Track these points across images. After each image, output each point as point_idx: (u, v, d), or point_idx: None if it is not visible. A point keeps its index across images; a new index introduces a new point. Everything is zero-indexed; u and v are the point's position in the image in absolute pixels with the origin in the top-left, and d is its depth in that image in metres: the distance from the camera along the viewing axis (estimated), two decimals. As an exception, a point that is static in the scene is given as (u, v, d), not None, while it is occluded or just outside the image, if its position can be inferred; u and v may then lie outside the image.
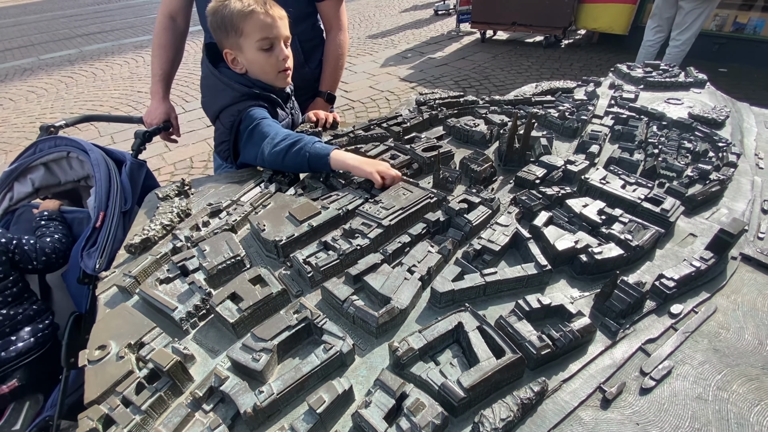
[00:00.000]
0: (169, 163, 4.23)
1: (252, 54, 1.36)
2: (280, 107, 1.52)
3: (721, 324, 0.84)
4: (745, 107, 1.81)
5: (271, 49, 1.37)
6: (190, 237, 1.09)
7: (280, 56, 1.39)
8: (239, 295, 0.86)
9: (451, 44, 7.80)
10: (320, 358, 0.74)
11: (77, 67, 7.76)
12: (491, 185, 1.29)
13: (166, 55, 1.76)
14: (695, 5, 4.23)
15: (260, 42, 1.34)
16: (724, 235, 0.92)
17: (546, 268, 0.90)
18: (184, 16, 1.77)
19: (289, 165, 1.29)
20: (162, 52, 1.75)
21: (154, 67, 1.77)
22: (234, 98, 1.39)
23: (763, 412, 0.69)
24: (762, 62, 5.55)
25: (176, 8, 1.72)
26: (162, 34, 1.73)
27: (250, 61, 1.38)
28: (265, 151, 1.30)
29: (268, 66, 1.40)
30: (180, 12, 1.74)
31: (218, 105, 1.42)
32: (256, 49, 1.35)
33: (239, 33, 1.33)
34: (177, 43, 1.79)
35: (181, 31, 1.78)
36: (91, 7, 15.01)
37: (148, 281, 0.95)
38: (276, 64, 1.40)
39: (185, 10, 1.75)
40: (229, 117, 1.40)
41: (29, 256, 1.36)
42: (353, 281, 0.91)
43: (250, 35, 1.33)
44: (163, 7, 1.72)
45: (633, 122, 1.54)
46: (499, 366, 0.69)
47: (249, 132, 1.36)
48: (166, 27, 1.73)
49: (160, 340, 0.81)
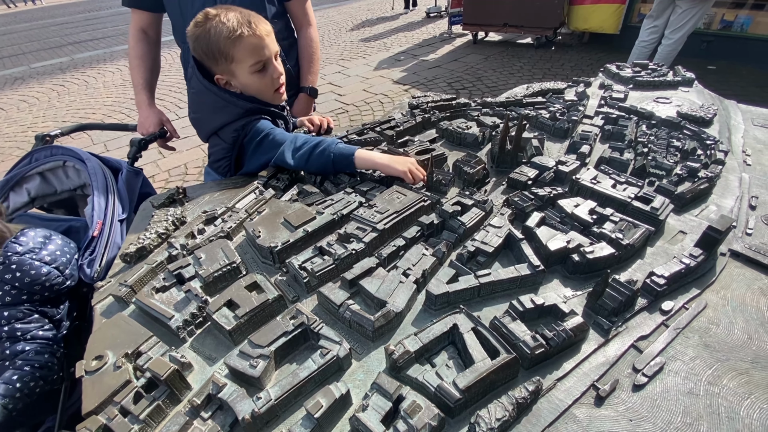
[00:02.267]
0: (164, 170, 4.22)
1: (245, 78, 1.34)
2: (279, 118, 1.53)
3: (711, 320, 0.86)
4: (732, 105, 1.83)
5: (264, 69, 1.35)
6: (185, 245, 1.09)
7: (275, 74, 1.38)
8: (236, 302, 0.87)
9: (443, 46, 7.85)
10: (317, 363, 0.74)
11: (69, 75, 7.72)
12: (484, 187, 1.31)
13: (145, 65, 1.78)
14: (692, 5, 4.29)
15: (253, 66, 1.32)
16: (713, 232, 0.94)
17: (539, 268, 0.91)
18: (155, 29, 1.80)
19: (314, 166, 1.31)
20: (140, 63, 1.77)
21: (136, 78, 1.79)
22: (238, 115, 1.36)
23: (753, 406, 0.71)
24: (749, 59, 5.63)
25: (146, 22, 1.75)
26: (137, 45, 1.76)
27: (245, 84, 1.36)
28: (287, 155, 1.30)
29: (264, 86, 1.39)
30: (151, 25, 1.77)
31: (218, 122, 1.38)
32: (250, 73, 1.33)
33: (230, 60, 1.29)
34: (153, 52, 1.81)
35: (154, 42, 1.81)
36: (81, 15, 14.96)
37: (144, 290, 0.95)
38: (272, 83, 1.39)
39: (155, 23, 1.79)
40: (232, 133, 1.38)
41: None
42: (349, 285, 0.92)
43: (242, 61, 1.29)
44: (133, 22, 1.75)
45: (623, 122, 1.57)
46: (493, 366, 0.70)
47: (257, 143, 1.36)
48: (140, 39, 1.76)
49: (157, 349, 0.82)
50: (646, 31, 4.73)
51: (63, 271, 1.21)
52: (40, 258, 1.17)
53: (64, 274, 1.21)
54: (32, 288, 1.15)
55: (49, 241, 1.24)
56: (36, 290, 1.16)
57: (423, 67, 6.72)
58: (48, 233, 1.26)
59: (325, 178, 1.33)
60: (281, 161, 1.33)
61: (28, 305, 1.16)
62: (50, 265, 1.18)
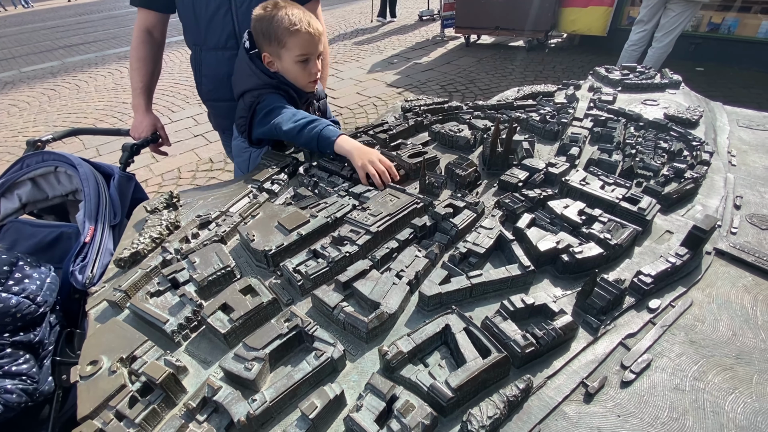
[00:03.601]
0: (157, 174, 4.20)
1: (289, 65, 1.52)
2: (295, 103, 1.62)
3: (697, 317, 0.88)
4: (718, 106, 1.88)
5: (306, 62, 1.52)
6: (179, 249, 1.09)
7: (313, 69, 1.55)
8: (230, 305, 0.88)
9: (436, 49, 7.90)
10: (312, 365, 0.75)
11: (60, 80, 7.67)
12: (476, 189, 1.32)
13: (146, 69, 1.77)
14: (684, 8, 4.37)
15: (298, 57, 1.49)
16: (698, 232, 0.96)
17: (529, 268, 0.93)
18: (161, 30, 1.79)
19: (302, 140, 1.44)
20: (142, 65, 1.76)
21: (135, 81, 1.77)
22: (257, 85, 1.54)
23: (737, 400, 0.73)
24: (737, 60, 5.74)
25: (153, 22, 1.73)
26: (140, 47, 1.74)
27: (286, 69, 1.53)
28: (283, 124, 1.45)
29: (301, 77, 1.55)
30: (157, 26, 1.75)
31: (243, 87, 1.58)
32: (294, 62, 1.50)
33: (281, 45, 1.47)
34: (155, 56, 1.80)
35: (158, 44, 1.80)
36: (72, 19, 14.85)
37: (139, 295, 0.95)
38: (308, 76, 1.56)
39: (161, 24, 1.77)
40: (250, 98, 1.56)
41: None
42: (343, 288, 0.93)
43: (291, 50, 1.47)
44: (139, 22, 1.73)
45: (611, 124, 1.59)
46: (485, 365, 0.71)
47: (265, 113, 1.51)
48: (144, 41, 1.74)
49: (152, 353, 0.82)
50: (636, 35, 4.79)
51: (34, 299, 1.14)
52: (7, 289, 1.11)
53: (36, 302, 1.14)
54: (2, 321, 1.08)
55: (15, 269, 1.16)
56: (6, 322, 1.09)
57: (416, 70, 6.76)
58: (13, 260, 1.18)
59: (318, 183, 1.34)
60: (278, 128, 1.46)
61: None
62: (19, 296, 1.11)
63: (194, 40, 1.74)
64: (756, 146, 1.54)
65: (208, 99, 1.86)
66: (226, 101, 1.82)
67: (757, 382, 0.75)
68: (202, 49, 1.73)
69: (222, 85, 1.77)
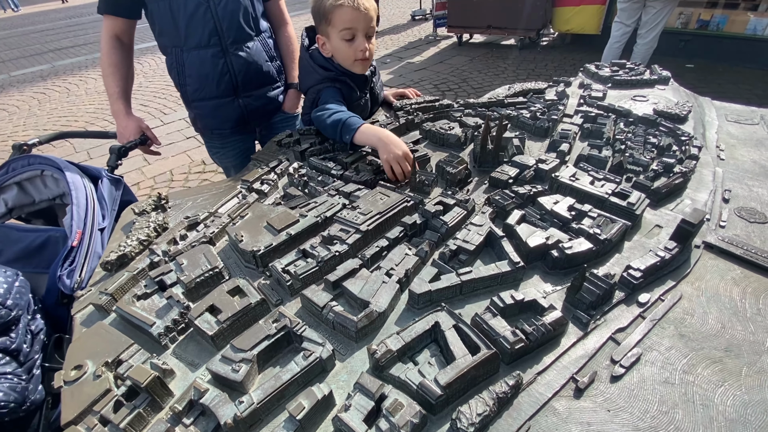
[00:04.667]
0: (149, 177, 4.17)
1: (336, 42, 1.56)
2: (355, 90, 1.70)
3: (686, 310, 0.88)
4: (706, 101, 1.89)
5: (352, 39, 1.55)
6: (167, 251, 1.08)
7: (359, 47, 1.56)
8: (218, 307, 0.87)
9: (429, 48, 7.91)
10: (300, 365, 0.74)
11: (50, 83, 7.59)
12: (467, 186, 1.32)
13: (120, 73, 1.75)
14: (664, 3, 4.41)
15: (343, 32, 1.52)
16: (686, 225, 0.97)
17: (519, 264, 0.93)
18: (129, 36, 1.77)
19: (328, 128, 1.50)
20: (115, 70, 1.73)
21: (110, 87, 1.75)
22: (317, 80, 1.63)
23: (727, 393, 0.73)
24: (726, 57, 5.79)
25: (121, 29, 1.71)
26: (111, 53, 1.72)
27: (334, 48, 1.59)
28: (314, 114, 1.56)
29: (347, 54, 1.58)
30: (125, 32, 1.74)
31: (307, 84, 1.70)
32: (340, 38, 1.54)
33: (328, 22, 1.53)
34: (127, 60, 1.78)
35: (128, 49, 1.78)
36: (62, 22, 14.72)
37: (125, 298, 0.94)
38: (354, 54, 1.57)
39: (130, 30, 1.76)
40: (312, 95, 1.68)
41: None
42: (332, 287, 0.92)
43: (336, 25, 1.52)
44: (107, 29, 1.71)
45: (601, 120, 1.60)
46: (474, 362, 0.71)
47: (319, 108, 1.58)
48: (114, 46, 1.72)
49: (139, 357, 0.81)
50: (617, 32, 4.82)
51: (3, 303, 1.11)
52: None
53: (6, 306, 1.11)
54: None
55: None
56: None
57: (409, 69, 6.77)
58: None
59: (308, 182, 1.33)
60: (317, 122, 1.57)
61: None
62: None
63: (173, 43, 1.73)
64: (744, 140, 1.55)
65: (194, 99, 1.85)
66: (212, 99, 1.83)
67: (746, 375, 0.75)
68: (183, 50, 1.72)
69: (208, 83, 1.78)
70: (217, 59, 1.74)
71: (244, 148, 2.08)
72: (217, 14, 1.67)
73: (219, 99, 1.84)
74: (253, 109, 1.93)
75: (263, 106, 1.97)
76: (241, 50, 1.78)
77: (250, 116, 1.95)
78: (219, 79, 1.78)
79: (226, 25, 1.70)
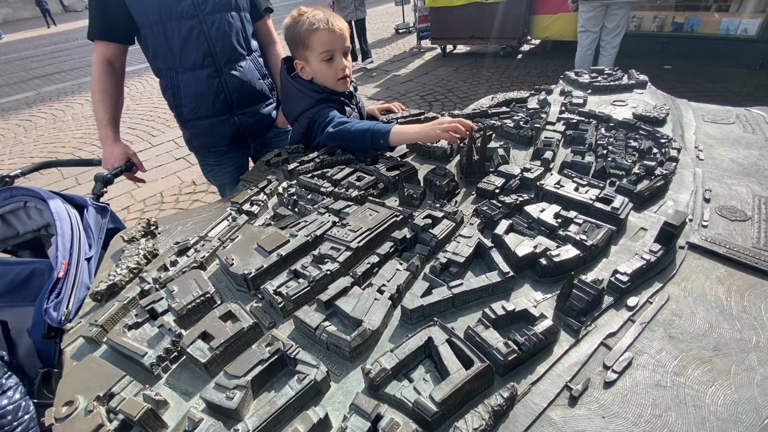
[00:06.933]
0: (139, 200, 4.14)
1: (316, 65, 1.60)
2: (346, 105, 1.74)
3: (674, 311, 0.90)
4: (683, 103, 1.94)
5: (331, 59, 1.59)
6: (158, 278, 1.07)
7: (339, 66, 1.61)
8: (210, 333, 0.86)
9: (414, 60, 8.04)
10: (294, 389, 0.74)
11: (35, 110, 7.56)
12: (455, 198, 1.34)
13: (111, 100, 1.77)
14: (627, 9, 4.59)
15: (322, 54, 1.56)
16: (669, 227, 0.99)
17: (509, 275, 0.94)
18: (122, 60, 1.79)
19: (356, 137, 1.51)
20: (107, 97, 1.75)
21: (100, 113, 1.76)
22: (309, 104, 1.65)
23: (717, 392, 0.74)
24: (701, 57, 5.97)
25: (114, 54, 1.74)
26: (103, 79, 1.73)
27: (315, 70, 1.62)
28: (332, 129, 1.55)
29: (329, 74, 1.62)
30: (118, 57, 1.76)
31: (297, 111, 1.69)
32: (319, 60, 1.58)
33: (306, 47, 1.57)
34: (118, 86, 1.80)
35: (120, 74, 1.80)
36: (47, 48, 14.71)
37: (116, 328, 0.93)
38: (335, 73, 1.62)
39: (122, 55, 1.78)
40: (306, 119, 1.67)
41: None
42: (325, 307, 0.92)
43: (315, 49, 1.56)
44: (99, 54, 1.72)
45: (583, 126, 1.64)
46: (468, 376, 0.71)
47: (323, 126, 1.59)
48: (106, 72, 1.73)
49: (131, 389, 0.80)
50: (587, 41, 4.96)
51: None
52: None
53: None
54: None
55: None
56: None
57: (395, 81, 6.86)
58: None
59: (297, 201, 1.34)
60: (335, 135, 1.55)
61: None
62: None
63: (168, 65, 1.77)
64: (721, 140, 1.59)
65: (190, 119, 1.88)
66: (208, 118, 1.88)
67: (735, 373, 0.76)
68: (178, 71, 1.77)
69: (203, 102, 1.83)
70: (212, 79, 1.79)
71: (239, 165, 2.12)
72: (210, 36, 1.72)
73: (215, 117, 1.88)
74: (248, 125, 1.98)
75: (258, 122, 2.01)
76: (235, 69, 1.83)
77: (246, 132, 2.00)
78: (215, 98, 1.83)
79: (220, 46, 1.75)
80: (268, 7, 1.99)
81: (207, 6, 1.69)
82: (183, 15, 1.66)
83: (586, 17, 4.76)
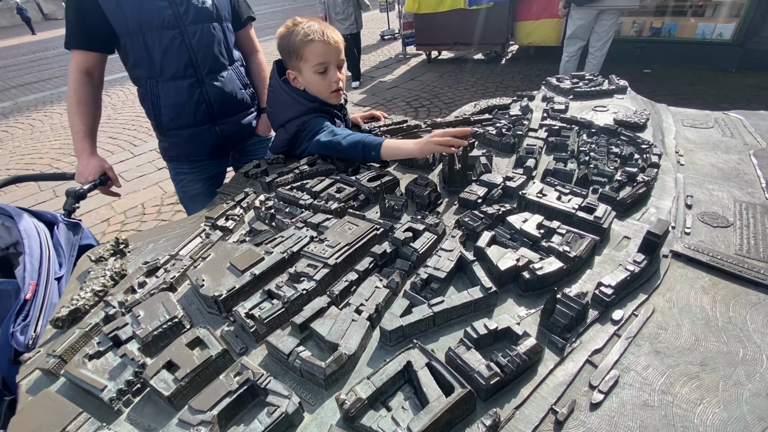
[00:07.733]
0: (119, 212, 4.02)
1: (309, 76, 1.57)
2: (336, 117, 1.71)
3: (660, 324, 0.87)
4: (663, 108, 1.95)
5: (325, 72, 1.56)
6: (124, 302, 1.01)
7: (333, 78, 1.58)
8: (176, 362, 0.80)
9: (399, 67, 8.07)
10: (264, 423, 0.69)
11: (12, 120, 7.35)
12: (437, 209, 1.30)
13: (89, 112, 1.70)
14: (615, 17, 4.66)
15: (316, 66, 1.54)
16: (652, 237, 0.97)
17: (491, 290, 0.90)
18: (100, 70, 1.74)
19: (347, 149, 1.47)
20: (84, 109, 1.69)
21: (76, 125, 1.69)
22: (300, 112, 1.61)
23: (706, 411, 0.71)
24: (679, 60, 6.11)
25: (93, 63, 1.68)
26: (81, 90, 1.67)
27: (308, 81, 1.59)
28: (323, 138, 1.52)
29: (322, 86, 1.59)
30: (96, 66, 1.70)
31: (285, 117, 1.64)
32: (313, 72, 1.55)
33: (299, 57, 1.54)
34: (96, 96, 1.74)
35: (98, 85, 1.74)
36: (26, 57, 14.39)
37: (76, 359, 0.87)
38: (329, 86, 1.59)
39: (101, 64, 1.72)
40: (295, 127, 1.62)
41: None
42: (300, 330, 0.87)
43: (309, 60, 1.53)
44: (76, 64, 1.65)
45: (565, 132, 1.62)
46: (448, 404, 0.67)
47: (313, 134, 1.57)
48: (84, 83, 1.67)
49: (87, 427, 0.74)
50: (574, 47, 5.02)
51: None
52: None
53: None
54: None
55: None
56: None
57: (381, 88, 6.86)
58: None
59: (275, 215, 1.29)
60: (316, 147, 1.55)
61: None
62: None
63: (148, 74, 1.72)
64: (701, 144, 1.60)
65: (170, 128, 1.83)
66: (188, 128, 1.84)
67: (723, 389, 0.74)
68: (159, 81, 1.72)
69: (184, 112, 1.79)
70: (194, 89, 1.75)
71: (213, 173, 2.07)
72: (192, 46, 1.69)
73: (196, 127, 1.84)
74: (229, 134, 1.94)
75: (238, 131, 1.98)
76: (216, 80, 1.79)
77: (226, 141, 1.96)
78: (195, 108, 1.79)
79: (201, 57, 1.72)
80: (250, 15, 1.96)
81: (188, 16, 1.64)
82: (164, 25, 1.62)
83: (578, 24, 4.79)
